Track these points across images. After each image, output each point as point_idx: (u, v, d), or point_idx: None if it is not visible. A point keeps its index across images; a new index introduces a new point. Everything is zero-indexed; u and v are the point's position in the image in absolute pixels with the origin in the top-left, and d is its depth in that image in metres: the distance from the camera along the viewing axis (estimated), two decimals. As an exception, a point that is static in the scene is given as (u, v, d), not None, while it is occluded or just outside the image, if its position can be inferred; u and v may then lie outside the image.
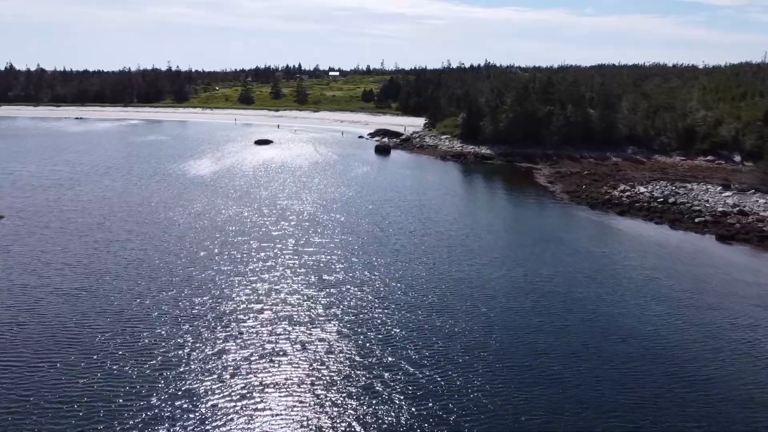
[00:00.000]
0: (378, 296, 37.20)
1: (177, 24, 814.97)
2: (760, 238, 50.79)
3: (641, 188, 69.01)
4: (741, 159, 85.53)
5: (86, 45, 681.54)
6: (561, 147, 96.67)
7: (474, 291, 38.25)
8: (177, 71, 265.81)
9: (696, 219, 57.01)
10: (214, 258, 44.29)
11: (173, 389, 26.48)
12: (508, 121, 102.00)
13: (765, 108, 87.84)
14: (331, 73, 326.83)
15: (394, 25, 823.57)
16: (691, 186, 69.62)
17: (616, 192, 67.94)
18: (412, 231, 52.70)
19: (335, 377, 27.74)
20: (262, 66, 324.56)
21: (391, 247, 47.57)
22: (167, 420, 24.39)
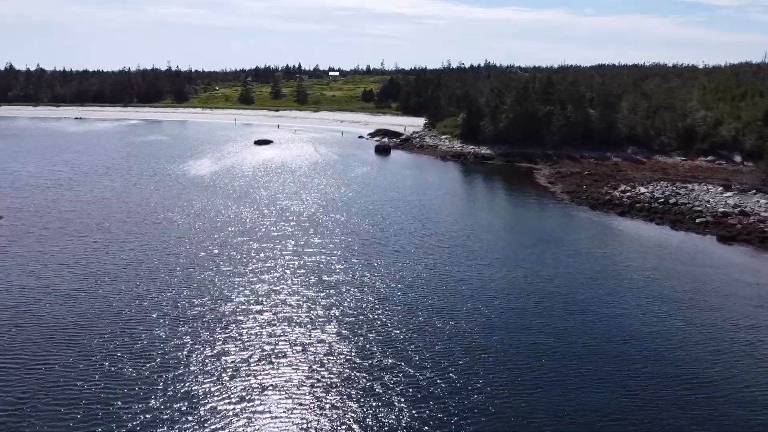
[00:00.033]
0: (378, 297, 37.05)
1: (177, 24, 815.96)
2: (762, 239, 50.63)
3: (642, 189, 68.87)
4: (741, 159, 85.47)
5: (86, 45, 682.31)
6: (561, 147, 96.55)
7: (474, 292, 38.11)
8: (177, 71, 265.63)
9: (697, 219, 56.87)
10: (214, 259, 44.14)
11: (172, 391, 26.33)
12: (508, 121, 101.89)
13: (765, 108, 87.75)
14: (331, 73, 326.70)
15: (394, 25, 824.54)
16: (692, 186, 69.49)
17: (617, 192, 67.80)
18: (412, 231, 52.56)
19: (335, 379, 27.59)
20: (262, 66, 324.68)
21: (391, 248, 47.43)
22: (166, 422, 24.24)
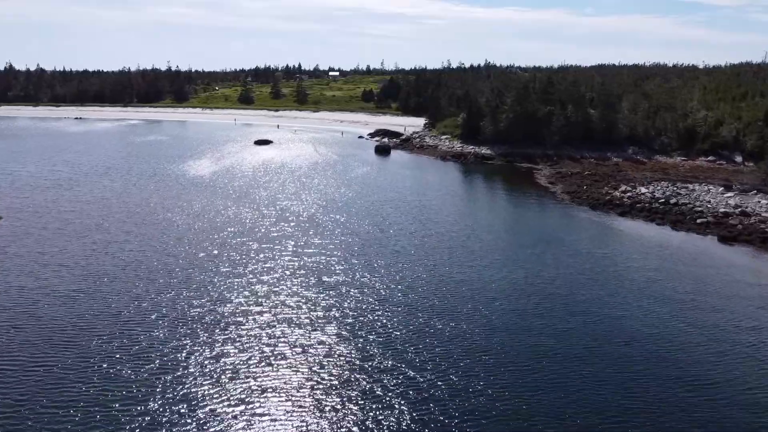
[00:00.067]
0: (378, 298, 36.90)
1: (177, 24, 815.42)
2: (763, 240, 50.47)
3: (642, 189, 68.72)
4: (742, 159, 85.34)
5: (86, 45, 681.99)
6: (561, 147, 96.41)
7: (475, 293, 37.95)
8: (177, 71, 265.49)
9: (698, 220, 56.71)
10: (213, 259, 43.99)
11: (171, 393, 26.19)
12: (509, 122, 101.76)
13: (766, 108, 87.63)
14: (331, 73, 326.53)
15: (394, 25, 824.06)
16: (693, 187, 69.35)
17: (617, 193, 67.65)
18: (413, 232, 52.41)
19: (335, 381, 27.44)
20: (262, 66, 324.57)
21: (392, 249, 47.29)
22: (165, 424, 24.09)
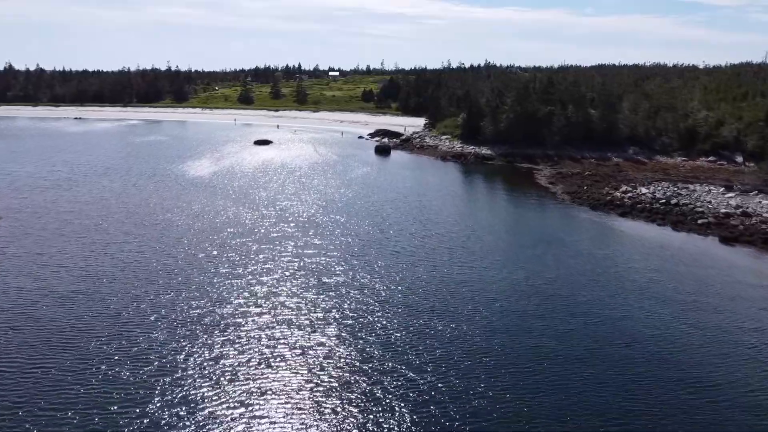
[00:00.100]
0: (378, 299, 36.73)
1: (177, 24, 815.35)
2: (764, 240, 50.29)
3: (643, 189, 68.57)
4: (743, 160, 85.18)
5: (86, 45, 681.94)
6: (562, 147, 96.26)
7: (475, 294, 37.78)
8: (176, 71, 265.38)
9: (699, 220, 56.54)
10: (213, 260, 43.82)
11: (171, 395, 26.01)
12: (509, 122, 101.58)
13: (766, 108, 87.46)
14: (331, 73, 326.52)
15: (394, 25, 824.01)
16: (694, 187, 69.19)
17: (618, 193, 67.48)
18: (413, 233, 52.23)
19: (335, 383, 27.27)
20: (262, 66, 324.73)
21: (392, 249, 47.11)
22: (164, 427, 23.92)
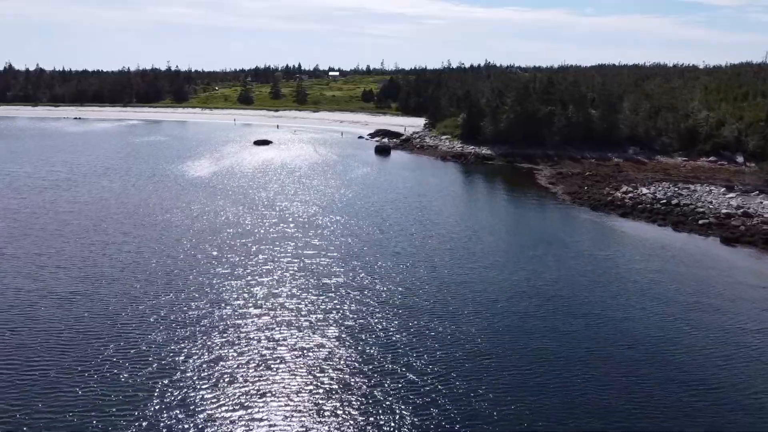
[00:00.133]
0: (378, 301, 36.54)
1: (177, 24, 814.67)
2: (765, 241, 50.00)
3: (644, 189, 68.39)
4: (743, 160, 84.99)
5: (86, 45, 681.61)
6: (562, 147, 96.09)
7: (476, 295, 37.60)
8: (176, 71, 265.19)
9: (700, 221, 56.34)
10: (212, 261, 43.62)
11: (170, 397, 25.82)
12: (509, 122, 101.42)
13: (767, 108, 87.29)
14: (331, 73, 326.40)
15: (394, 25, 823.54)
16: (694, 187, 68.99)
17: (619, 193, 67.29)
18: (413, 233, 52.05)
19: (335, 385, 27.08)
20: (262, 66, 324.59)
21: (392, 250, 46.93)
22: (164, 430, 23.71)
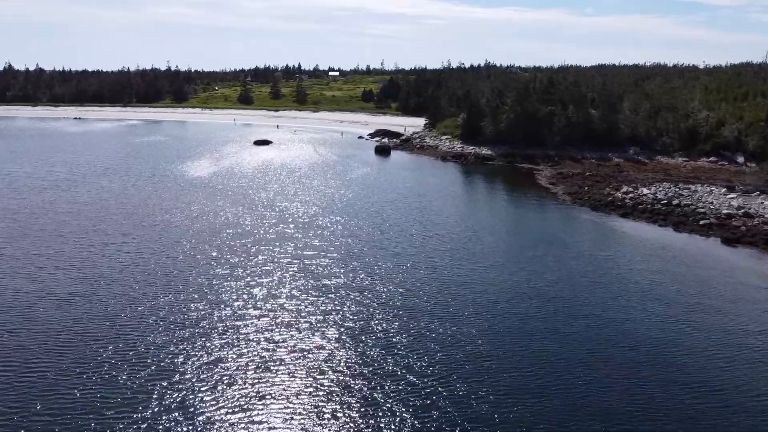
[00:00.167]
0: (379, 302, 36.38)
1: (177, 24, 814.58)
2: (767, 241, 49.87)
3: (644, 190, 68.26)
4: (744, 160, 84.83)
5: (86, 45, 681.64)
6: (562, 148, 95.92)
7: (477, 296, 37.43)
8: (176, 71, 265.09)
9: (700, 221, 56.19)
10: (212, 262, 43.46)
11: (169, 399, 25.65)
12: (509, 122, 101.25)
13: (767, 109, 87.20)
14: (331, 73, 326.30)
15: (394, 25, 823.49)
16: (695, 188, 68.85)
17: (619, 194, 67.14)
18: (413, 234, 51.89)
19: (334, 387, 26.91)
20: (262, 66, 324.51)
21: (392, 251, 46.77)
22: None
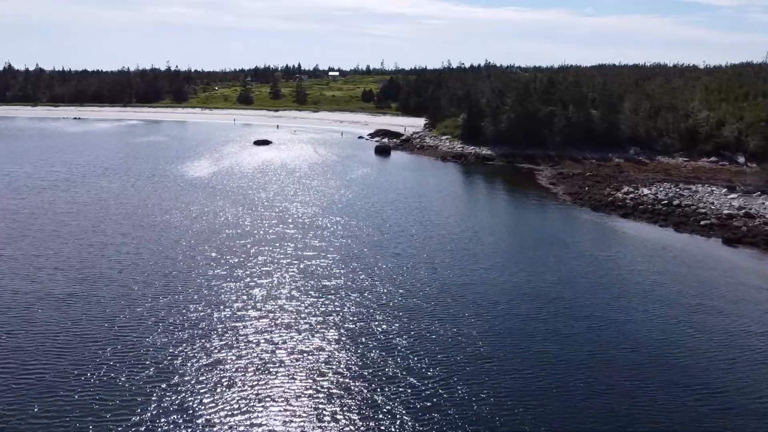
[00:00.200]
0: (379, 303, 36.22)
1: (177, 24, 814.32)
2: (768, 242, 49.85)
3: (645, 190, 68.13)
4: (744, 160, 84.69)
5: (86, 45, 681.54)
6: (563, 148, 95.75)
7: (477, 297, 37.28)
8: (176, 71, 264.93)
9: (701, 222, 56.04)
10: (211, 263, 43.30)
11: (168, 401, 25.48)
12: (509, 122, 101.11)
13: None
14: (331, 73, 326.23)
15: (394, 25, 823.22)
16: (696, 188, 68.72)
17: (620, 194, 67.00)
18: (413, 234, 51.73)
19: (334, 389, 26.75)
20: (262, 66, 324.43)
21: (392, 251, 46.61)
22: (160, 435, 23.43)
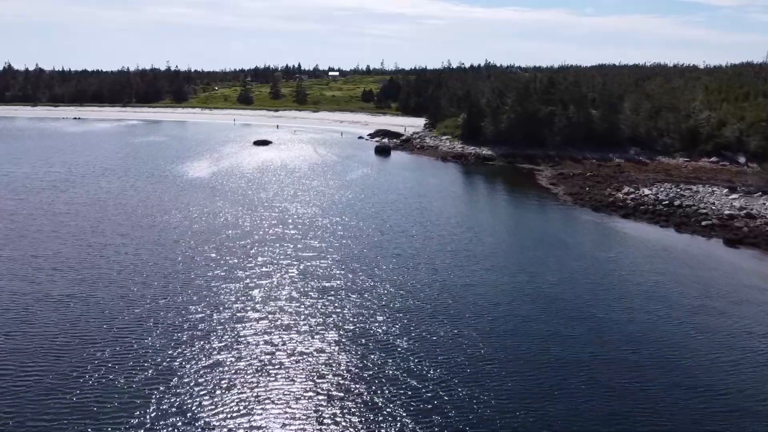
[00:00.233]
0: (379, 304, 36.08)
1: (177, 24, 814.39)
2: (769, 242, 49.67)
3: (645, 190, 67.99)
4: (745, 160, 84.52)
5: (86, 45, 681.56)
6: (563, 148, 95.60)
7: (478, 297, 37.14)
8: (176, 71, 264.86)
9: (702, 222, 55.90)
10: (211, 264, 43.17)
11: (167, 403, 25.35)
12: (509, 122, 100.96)
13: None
14: (331, 73, 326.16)
15: (394, 25, 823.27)
16: (697, 188, 68.57)
17: (620, 194, 66.85)
18: (413, 235, 51.59)
19: (334, 390, 26.62)
20: (262, 66, 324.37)
21: (392, 252, 46.47)
22: (159, 437, 23.29)
